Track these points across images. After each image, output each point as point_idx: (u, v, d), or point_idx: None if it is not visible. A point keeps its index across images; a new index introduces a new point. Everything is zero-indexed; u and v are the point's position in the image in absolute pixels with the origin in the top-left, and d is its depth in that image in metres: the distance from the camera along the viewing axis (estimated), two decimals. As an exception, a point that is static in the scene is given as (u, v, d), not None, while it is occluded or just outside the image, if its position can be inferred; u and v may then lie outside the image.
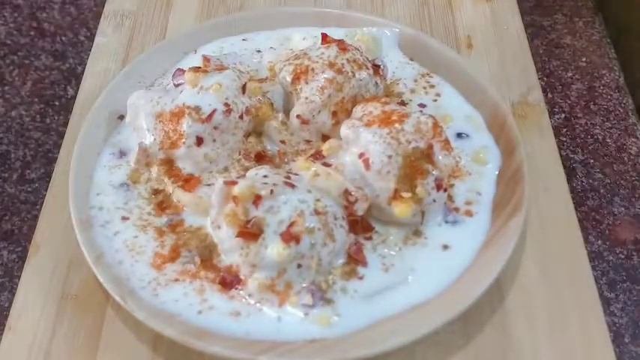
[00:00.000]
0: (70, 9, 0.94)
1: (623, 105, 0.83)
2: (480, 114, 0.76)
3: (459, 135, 0.74)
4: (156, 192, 0.69)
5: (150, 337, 0.61)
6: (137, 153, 0.70)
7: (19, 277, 0.66)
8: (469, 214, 0.68)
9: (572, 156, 0.78)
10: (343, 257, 0.64)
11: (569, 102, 0.84)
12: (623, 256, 0.70)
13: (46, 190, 0.73)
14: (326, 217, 0.62)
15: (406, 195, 0.64)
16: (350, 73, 0.71)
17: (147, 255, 0.64)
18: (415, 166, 0.64)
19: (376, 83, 0.73)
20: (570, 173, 0.76)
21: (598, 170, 0.77)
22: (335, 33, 0.78)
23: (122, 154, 0.72)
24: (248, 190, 0.61)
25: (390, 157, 0.64)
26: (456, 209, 0.68)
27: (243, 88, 0.70)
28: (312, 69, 0.71)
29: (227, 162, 0.70)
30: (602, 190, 0.75)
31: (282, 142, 0.72)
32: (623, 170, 0.77)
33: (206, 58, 0.74)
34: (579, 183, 0.76)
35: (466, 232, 0.67)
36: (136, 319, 0.59)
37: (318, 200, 0.62)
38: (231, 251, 0.62)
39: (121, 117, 0.74)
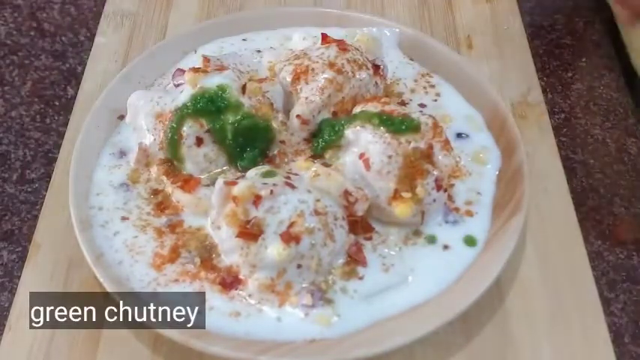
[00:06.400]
0: (70, 9, 0.94)
1: (623, 105, 0.83)
2: (480, 114, 0.76)
3: (459, 135, 0.74)
4: (155, 192, 0.69)
5: (150, 337, 0.61)
6: (137, 153, 0.70)
7: (19, 277, 0.66)
8: (469, 214, 0.68)
9: (572, 156, 0.78)
10: (343, 257, 0.64)
11: (569, 102, 0.84)
12: (623, 256, 0.70)
13: (46, 190, 0.73)
14: (326, 218, 0.62)
15: (406, 195, 0.64)
16: (350, 73, 0.71)
17: (147, 255, 0.64)
18: (415, 166, 0.64)
19: (376, 83, 0.73)
20: (570, 173, 0.76)
21: (598, 170, 0.77)
22: (335, 33, 0.78)
23: (122, 154, 0.72)
24: (248, 191, 0.61)
25: (390, 157, 0.64)
26: (456, 209, 0.68)
27: (243, 88, 0.70)
28: (312, 69, 0.71)
29: (227, 162, 0.70)
30: (602, 190, 0.75)
31: (282, 142, 0.71)
32: (623, 170, 0.77)
33: (206, 59, 0.74)
34: (579, 183, 0.76)
35: (466, 232, 0.67)
36: (136, 319, 0.59)
37: (318, 200, 0.62)
38: (231, 252, 0.62)
39: (121, 117, 0.74)
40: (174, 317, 0.60)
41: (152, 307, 0.60)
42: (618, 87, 0.85)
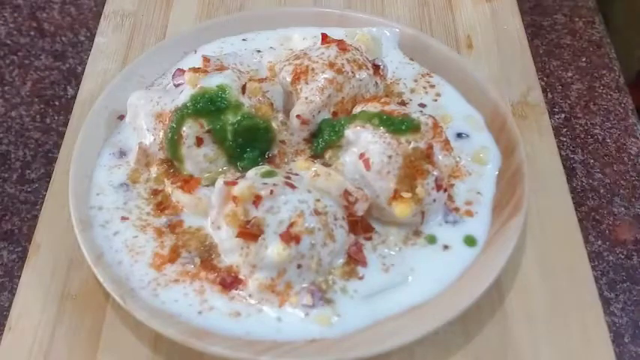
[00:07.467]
0: (70, 9, 0.94)
1: (623, 105, 0.83)
2: (480, 114, 0.76)
3: (459, 135, 0.74)
4: (155, 192, 0.69)
5: (150, 337, 0.61)
6: (137, 153, 0.70)
7: (19, 277, 0.66)
8: (469, 214, 0.68)
9: (572, 156, 0.78)
10: (343, 257, 0.64)
11: (569, 102, 0.84)
12: (623, 256, 0.70)
13: (46, 190, 0.73)
14: (326, 218, 0.62)
15: (406, 195, 0.64)
16: (350, 73, 0.71)
17: (147, 255, 0.64)
18: (415, 166, 0.64)
19: (376, 83, 0.73)
20: (570, 173, 0.76)
21: (598, 170, 0.77)
22: (335, 33, 0.78)
23: (122, 154, 0.72)
24: (248, 191, 0.61)
25: (390, 157, 0.64)
26: (456, 209, 0.68)
27: (243, 88, 0.70)
28: (312, 69, 0.71)
29: (227, 162, 0.70)
30: (602, 190, 0.75)
31: (282, 142, 0.72)
32: (623, 170, 0.77)
33: (206, 59, 0.74)
34: (579, 183, 0.76)
35: (466, 232, 0.67)
36: (136, 319, 0.59)
37: (318, 200, 0.62)
38: (231, 251, 0.62)
39: (121, 117, 0.74)
40: (174, 317, 0.60)
41: (152, 307, 0.60)
42: (618, 87, 0.85)
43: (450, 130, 0.73)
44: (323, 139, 0.69)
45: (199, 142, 0.68)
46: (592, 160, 0.78)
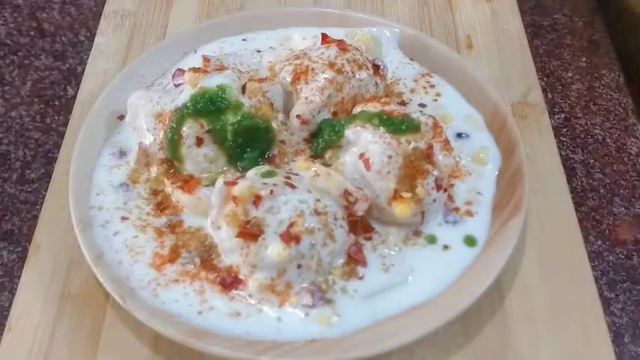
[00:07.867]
0: (70, 9, 0.95)
1: (623, 105, 0.83)
2: (480, 114, 0.76)
3: (459, 135, 0.74)
4: (155, 192, 0.69)
5: (150, 337, 0.61)
6: (137, 153, 0.70)
7: (19, 277, 0.66)
8: (469, 214, 0.68)
9: (572, 156, 0.78)
10: (343, 257, 0.64)
11: (569, 102, 0.84)
12: (623, 256, 0.70)
13: (46, 190, 0.73)
14: (326, 218, 0.62)
15: (406, 195, 0.64)
16: (350, 73, 0.71)
17: (147, 255, 0.64)
18: (415, 166, 0.64)
19: (376, 83, 0.73)
20: (570, 173, 0.76)
21: (598, 170, 0.77)
22: (335, 33, 0.78)
23: (122, 154, 0.72)
24: (248, 191, 0.61)
25: (390, 157, 0.64)
26: (456, 209, 0.68)
27: (243, 88, 0.70)
28: (312, 69, 0.71)
29: (227, 162, 0.70)
30: (602, 190, 0.75)
31: (282, 142, 0.72)
32: (623, 170, 0.77)
33: (206, 59, 0.74)
34: (579, 183, 0.76)
35: (466, 232, 0.67)
36: (136, 319, 0.59)
37: (318, 200, 0.62)
38: (231, 251, 0.62)
39: (121, 117, 0.74)
40: (174, 317, 0.60)
41: (152, 307, 0.60)
42: (618, 87, 0.85)
43: (450, 130, 0.73)
44: (323, 139, 0.69)
45: (199, 142, 0.68)
46: (592, 160, 0.78)
